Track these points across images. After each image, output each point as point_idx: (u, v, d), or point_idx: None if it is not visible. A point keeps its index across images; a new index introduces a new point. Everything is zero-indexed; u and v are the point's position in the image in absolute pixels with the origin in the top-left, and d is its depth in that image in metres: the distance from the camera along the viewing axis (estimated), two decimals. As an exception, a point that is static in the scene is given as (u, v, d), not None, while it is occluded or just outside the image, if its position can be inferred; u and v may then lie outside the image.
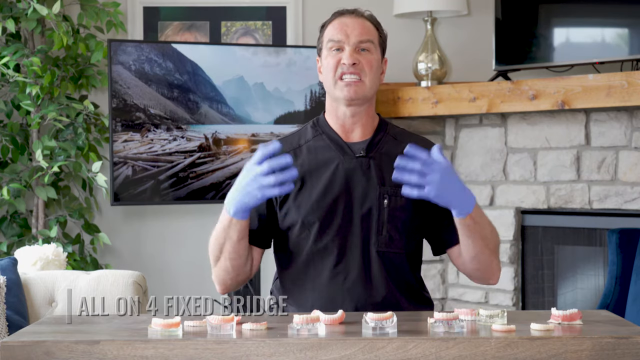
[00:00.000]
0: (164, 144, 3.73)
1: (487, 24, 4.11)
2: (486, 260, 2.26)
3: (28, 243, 3.78)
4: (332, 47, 2.31)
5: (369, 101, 2.33)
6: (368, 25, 2.33)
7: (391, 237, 2.27)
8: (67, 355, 1.76)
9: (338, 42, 2.30)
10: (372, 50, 2.31)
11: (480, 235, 2.21)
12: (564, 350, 1.75)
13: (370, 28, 2.33)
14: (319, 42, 2.37)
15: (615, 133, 3.64)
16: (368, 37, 2.31)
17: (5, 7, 3.85)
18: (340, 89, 2.29)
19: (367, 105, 2.33)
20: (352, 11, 2.34)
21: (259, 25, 4.24)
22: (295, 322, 1.83)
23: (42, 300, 2.81)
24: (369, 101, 2.33)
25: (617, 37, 3.70)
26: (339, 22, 2.32)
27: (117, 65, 3.66)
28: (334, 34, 2.31)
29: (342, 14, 2.34)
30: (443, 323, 1.83)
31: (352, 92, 2.28)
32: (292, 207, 2.29)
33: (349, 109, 2.31)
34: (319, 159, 2.32)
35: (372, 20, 2.35)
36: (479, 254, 2.24)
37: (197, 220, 4.24)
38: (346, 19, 2.32)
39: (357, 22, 2.31)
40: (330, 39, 2.31)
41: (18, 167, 3.90)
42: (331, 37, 2.31)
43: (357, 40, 2.29)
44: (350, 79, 2.28)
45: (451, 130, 4.12)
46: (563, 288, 3.91)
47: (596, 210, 3.72)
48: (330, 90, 2.32)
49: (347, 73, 2.28)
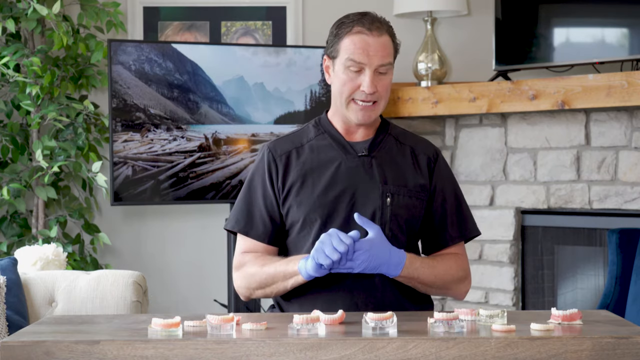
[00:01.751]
0: (164, 144, 3.73)
1: (487, 24, 4.11)
2: (441, 293, 2.35)
3: (28, 243, 3.78)
4: (351, 66, 2.25)
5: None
6: (388, 45, 2.27)
7: (394, 235, 2.28)
8: (67, 355, 1.76)
9: (359, 64, 2.25)
10: (389, 72, 2.28)
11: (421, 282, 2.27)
12: (564, 350, 1.75)
13: (390, 47, 2.28)
14: (333, 47, 2.29)
15: (615, 133, 3.64)
16: (389, 59, 2.27)
17: (5, 7, 3.85)
18: (354, 112, 2.28)
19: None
20: (375, 27, 2.26)
21: (259, 25, 4.24)
22: (295, 322, 1.84)
23: (42, 300, 2.81)
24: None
25: (617, 37, 3.70)
26: (362, 41, 2.25)
27: (117, 65, 3.66)
28: (355, 53, 2.24)
29: (363, 30, 2.25)
30: (443, 323, 1.83)
31: (366, 117, 2.28)
32: (293, 205, 2.30)
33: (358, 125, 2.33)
34: (321, 158, 2.32)
35: (390, 34, 2.29)
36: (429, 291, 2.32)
37: (197, 220, 4.24)
38: (369, 38, 2.25)
39: (379, 43, 2.25)
40: (351, 59, 2.24)
41: (18, 167, 3.90)
42: (351, 56, 2.24)
43: (379, 64, 2.25)
44: (365, 105, 2.27)
45: (451, 130, 4.12)
46: (563, 288, 3.91)
47: (596, 210, 3.72)
48: (341, 106, 2.30)
49: (363, 100, 2.26)
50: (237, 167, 3.82)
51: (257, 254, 2.32)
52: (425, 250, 2.40)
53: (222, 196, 3.80)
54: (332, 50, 2.29)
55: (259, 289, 2.29)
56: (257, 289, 2.30)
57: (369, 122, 2.30)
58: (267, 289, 2.29)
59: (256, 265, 2.29)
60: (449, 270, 2.31)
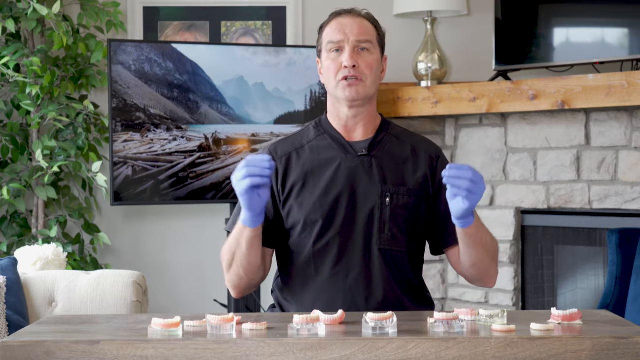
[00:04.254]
0: (164, 144, 3.73)
1: (487, 24, 4.11)
2: (486, 267, 2.28)
3: (28, 243, 3.78)
4: (331, 48, 2.31)
5: (370, 101, 2.33)
6: (366, 24, 2.33)
7: (394, 235, 2.28)
8: (67, 355, 1.76)
9: (337, 43, 2.30)
10: (371, 50, 2.31)
11: (482, 243, 2.22)
12: (564, 350, 1.75)
13: (369, 27, 2.33)
14: (318, 43, 2.38)
15: (615, 133, 3.64)
16: (366, 36, 2.31)
17: (5, 7, 3.85)
18: (342, 90, 2.29)
19: (368, 105, 2.34)
20: (350, 11, 2.35)
21: (259, 25, 4.24)
22: (295, 322, 1.83)
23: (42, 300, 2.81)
24: (370, 101, 2.33)
25: (617, 37, 3.70)
26: (337, 23, 2.33)
27: (117, 65, 3.66)
28: (332, 35, 2.32)
29: (339, 15, 2.35)
30: (443, 323, 1.83)
31: (353, 92, 2.29)
32: (294, 206, 2.30)
33: (350, 110, 2.32)
34: (321, 158, 2.32)
35: (370, 19, 2.35)
36: (479, 262, 2.26)
37: (197, 220, 4.24)
38: (344, 19, 2.33)
39: (355, 22, 2.32)
40: (330, 41, 2.32)
41: (18, 167, 3.90)
42: (330, 38, 2.32)
43: (356, 40, 2.30)
44: (350, 81, 2.29)
45: (451, 130, 4.12)
46: (563, 288, 3.91)
47: (596, 210, 3.72)
48: (332, 92, 2.33)
49: (348, 77, 2.28)
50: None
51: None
52: (433, 250, 2.39)
53: (222, 196, 3.80)
54: (318, 46, 2.37)
55: (229, 267, 2.28)
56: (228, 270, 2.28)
57: (358, 97, 2.29)
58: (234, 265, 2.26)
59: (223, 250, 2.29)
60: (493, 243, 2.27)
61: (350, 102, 2.30)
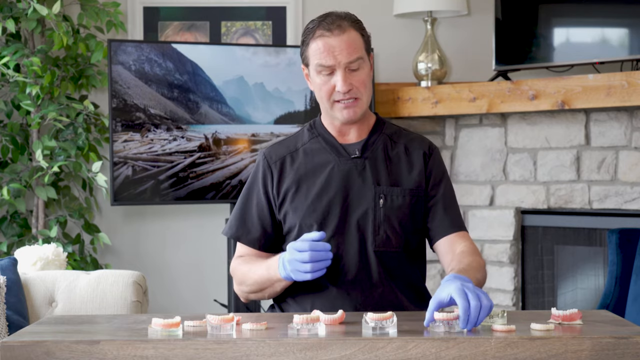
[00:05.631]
0: (164, 144, 3.73)
1: (487, 24, 4.11)
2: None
3: (28, 243, 3.78)
4: (321, 71, 2.25)
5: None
6: (353, 38, 2.24)
7: (388, 237, 2.27)
8: (67, 355, 1.76)
9: (328, 67, 2.23)
10: (362, 66, 2.26)
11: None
12: (564, 350, 1.75)
13: (356, 39, 2.25)
14: (304, 55, 2.29)
15: (615, 133, 3.64)
16: (357, 54, 2.24)
17: (5, 7, 3.85)
18: (339, 111, 2.27)
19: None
20: (334, 26, 2.23)
21: (259, 25, 4.24)
22: (295, 322, 1.83)
23: (42, 300, 2.81)
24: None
25: (617, 37, 3.70)
26: (324, 44, 2.22)
27: (117, 65, 3.66)
28: (321, 58, 2.23)
29: (324, 33, 2.23)
30: (443, 323, 1.83)
31: (351, 113, 2.27)
32: (289, 211, 2.30)
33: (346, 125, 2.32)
34: (315, 162, 2.32)
35: (355, 27, 2.26)
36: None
37: (197, 220, 4.24)
38: (331, 40, 2.22)
39: (343, 41, 2.22)
40: (319, 64, 2.24)
41: (18, 167, 3.90)
42: (319, 61, 2.24)
43: (347, 62, 2.23)
44: (347, 103, 2.26)
45: (451, 130, 4.12)
46: (563, 288, 3.91)
47: (596, 210, 3.72)
48: (327, 111, 2.30)
49: (343, 99, 2.25)
50: (237, 167, 3.82)
51: (246, 257, 2.34)
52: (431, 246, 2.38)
53: (222, 196, 3.80)
54: (304, 57, 2.30)
55: (252, 293, 2.32)
56: (251, 293, 2.33)
57: (356, 118, 2.28)
58: (259, 294, 2.31)
59: (243, 270, 2.31)
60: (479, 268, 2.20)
61: (347, 122, 2.29)
